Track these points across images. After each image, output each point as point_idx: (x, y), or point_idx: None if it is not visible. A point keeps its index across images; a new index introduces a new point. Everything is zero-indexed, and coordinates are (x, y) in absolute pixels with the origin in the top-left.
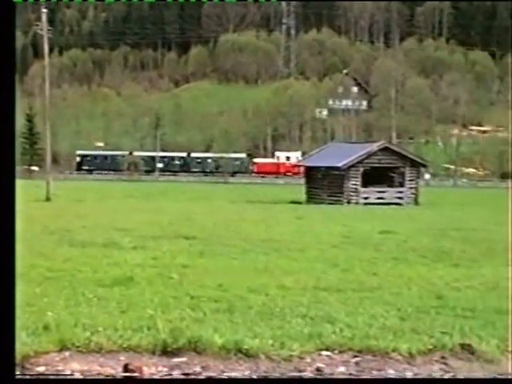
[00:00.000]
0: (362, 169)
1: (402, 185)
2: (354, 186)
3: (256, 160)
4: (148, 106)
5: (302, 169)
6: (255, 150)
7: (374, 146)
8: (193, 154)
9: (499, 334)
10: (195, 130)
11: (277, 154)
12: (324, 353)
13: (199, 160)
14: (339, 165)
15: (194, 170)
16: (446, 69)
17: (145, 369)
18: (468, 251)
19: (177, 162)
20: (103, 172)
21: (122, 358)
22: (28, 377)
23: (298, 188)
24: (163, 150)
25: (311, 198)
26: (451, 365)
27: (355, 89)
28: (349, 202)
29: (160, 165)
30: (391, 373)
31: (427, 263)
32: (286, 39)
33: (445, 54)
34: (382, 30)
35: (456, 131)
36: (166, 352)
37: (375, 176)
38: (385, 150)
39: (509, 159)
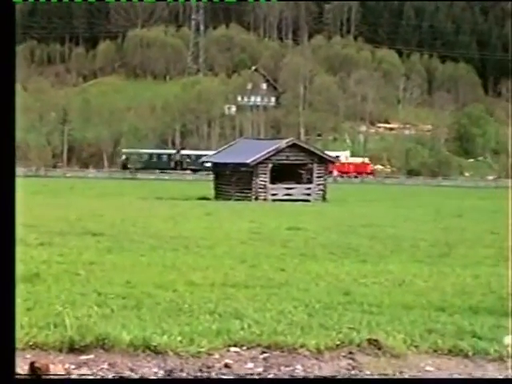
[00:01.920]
0: (270, 165)
1: (310, 181)
2: (263, 183)
3: None
4: (55, 101)
5: (352, 167)
6: (164, 146)
7: (283, 143)
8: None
9: (405, 328)
10: (103, 126)
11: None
12: (232, 349)
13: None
14: (248, 161)
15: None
16: (353, 66)
17: (51, 366)
18: (375, 247)
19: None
20: None
21: (28, 356)
22: (28, 377)
23: (207, 184)
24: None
25: (220, 195)
26: (358, 360)
27: (264, 85)
28: (257, 199)
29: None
30: (299, 368)
31: (335, 259)
32: (195, 35)
33: (352, 52)
34: (291, 27)
35: (363, 128)
36: (74, 349)
37: (283, 172)
38: (293, 146)
39: (415, 156)
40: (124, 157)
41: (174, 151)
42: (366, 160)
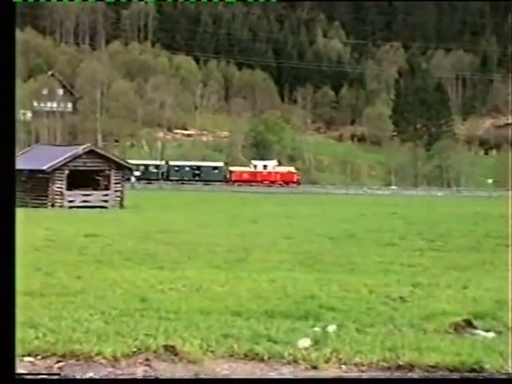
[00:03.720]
0: (67, 172)
1: (107, 188)
2: (59, 189)
3: (233, 168)
4: None
5: (278, 176)
6: None
7: (80, 149)
8: (171, 162)
9: (202, 334)
10: None
11: (253, 162)
12: (26, 359)
13: (177, 168)
14: (43, 167)
15: (173, 178)
16: (151, 72)
17: None
18: (172, 253)
19: (154, 170)
20: None
21: None
22: (28, 377)
23: None
24: None
25: None
26: (155, 366)
27: (60, 91)
28: (53, 206)
29: (137, 173)
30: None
31: (132, 266)
32: None
33: (150, 58)
34: (88, 32)
35: (161, 134)
36: None
37: (81, 179)
38: (90, 152)
39: None
40: None
41: None
42: (292, 169)
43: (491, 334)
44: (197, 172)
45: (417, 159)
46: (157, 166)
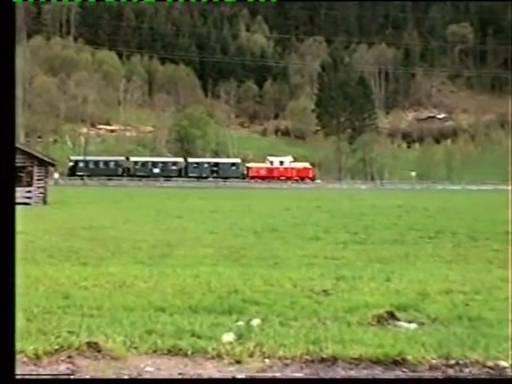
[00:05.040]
0: None
1: (30, 184)
2: None
3: (249, 165)
4: None
5: (294, 172)
6: None
7: None
8: (190, 160)
9: (126, 330)
10: None
11: (269, 158)
12: None
13: (196, 165)
14: None
15: (191, 174)
16: (73, 68)
17: None
18: (96, 250)
19: (173, 168)
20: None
21: None
22: (28, 377)
23: None
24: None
25: None
26: (78, 364)
27: None
28: None
29: (156, 170)
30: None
31: (55, 263)
32: None
33: (72, 53)
34: None
35: (84, 130)
36: None
37: None
38: None
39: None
40: (71, 164)
41: (122, 158)
42: (307, 165)
43: (414, 326)
44: (215, 169)
45: (340, 153)
46: (175, 163)
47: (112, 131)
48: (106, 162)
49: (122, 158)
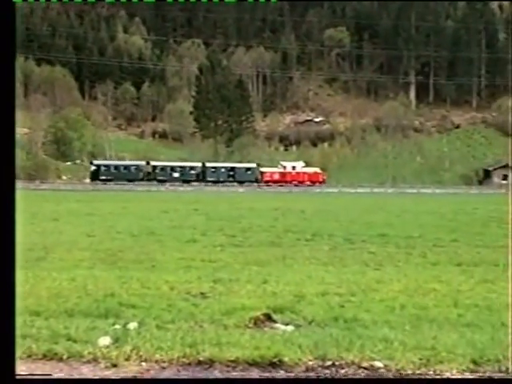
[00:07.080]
0: None
1: None
2: None
3: (263, 169)
4: None
5: (306, 176)
6: None
7: None
8: (207, 164)
9: None
10: None
11: (282, 163)
12: None
13: (213, 170)
14: None
15: (209, 179)
16: None
17: None
18: None
19: (192, 172)
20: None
21: None
22: (28, 377)
23: None
24: None
25: None
26: None
27: None
28: None
29: (176, 174)
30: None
31: None
32: None
33: None
34: None
35: None
36: None
37: None
38: None
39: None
40: (93, 168)
41: (143, 162)
42: (318, 170)
43: (290, 328)
44: (231, 173)
45: (218, 155)
46: (192, 168)
47: None
48: (127, 167)
49: (143, 163)
